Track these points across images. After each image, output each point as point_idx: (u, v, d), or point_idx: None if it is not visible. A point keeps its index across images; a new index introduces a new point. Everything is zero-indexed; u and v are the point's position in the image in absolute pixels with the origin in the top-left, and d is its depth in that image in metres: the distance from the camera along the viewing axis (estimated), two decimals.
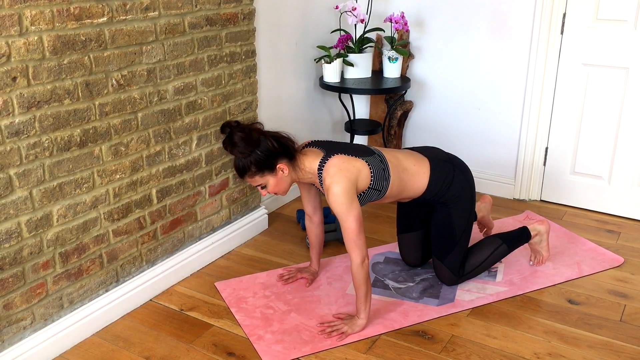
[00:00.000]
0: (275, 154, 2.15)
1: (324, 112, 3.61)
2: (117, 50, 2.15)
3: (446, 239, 2.45)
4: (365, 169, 2.21)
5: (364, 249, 2.17)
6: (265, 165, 2.14)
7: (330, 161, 2.19)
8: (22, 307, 2.03)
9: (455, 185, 2.38)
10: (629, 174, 3.15)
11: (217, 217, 2.80)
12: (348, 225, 2.13)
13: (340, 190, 2.12)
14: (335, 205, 2.13)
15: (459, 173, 2.40)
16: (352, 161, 2.20)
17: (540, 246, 2.66)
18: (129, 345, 2.21)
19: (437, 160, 2.40)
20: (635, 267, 2.73)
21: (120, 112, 2.21)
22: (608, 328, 2.31)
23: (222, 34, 2.58)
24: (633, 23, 2.95)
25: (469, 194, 2.44)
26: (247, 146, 2.11)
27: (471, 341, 2.23)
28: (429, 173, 2.34)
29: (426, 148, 2.50)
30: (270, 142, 2.13)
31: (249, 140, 2.11)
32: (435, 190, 2.36)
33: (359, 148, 2.32)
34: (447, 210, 2.41)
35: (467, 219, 2.45)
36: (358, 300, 2.23)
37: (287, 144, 2.19)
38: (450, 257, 2.46)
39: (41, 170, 1.98)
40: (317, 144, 2.32)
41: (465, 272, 2.51)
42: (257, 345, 2.19)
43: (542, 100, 3.24)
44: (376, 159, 2.26)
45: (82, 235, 2.18)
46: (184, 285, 2.59)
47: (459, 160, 2.48)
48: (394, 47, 3.32)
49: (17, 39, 1.83)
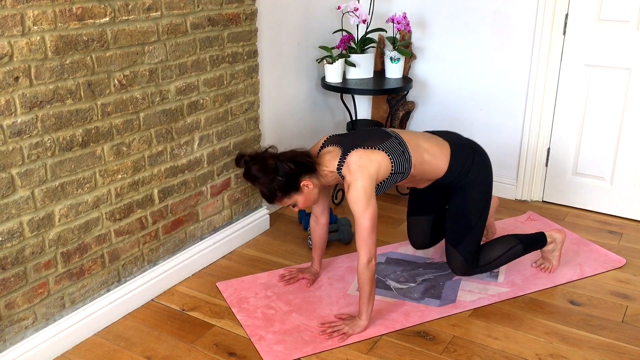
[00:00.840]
0: (295, 174, 2.18)
1: (325, 112, 3.61)
2: (119, 51, 2.15)
3: (461, 224, 2.42)
4: (384, 159, 2.20)
5: (373, 250, 2.17)
6: (289, 187, 2.19)
7: (349, 159, 2.19)
8: (24, 306, 2.04)
9: (475, 170, 2.37)
10: (631, 175, 3.15)
11: (218, 217, 2.80)
12: (362, 223, 2.14)
13: (360, 187, 2.13)
14: (352, 202, 2.15)
15: (479, 158, 2.39)
16: (370, 154, 2.19)
17: (552, 254, 2.65)
18: (130, 345, 2.21)
19: (458, 144, 2.39)
20: (637, 269, 2.73)
21: (122, 112, 2.22)
22: (610, 329, 2.31)
23: (224, 34, 2.58)
24: (635, 24, 2.94)
25: (487, 180, 2.42)
26: (266, 176, 2.16)
27: (473, 342, 2.23)
28: (449, 156, 2.33)
29: (446, 132, 2.49)
30: (287, 166, 2.16)
31: (266, 169, 2.16)
32: (455, 174, 2.35)
33: (375, 134, 2.30)
34: (464, 195, 2.40)
35: (484, 206, 2.43)
36: (361, 300, 2.23)
37: (304, 160, 2.21)
38: (464, 244, 2.43)
39: (43, 170, 1.99)
40: (333, 140, 2.30)
41: (479, 264, 2.48)
42: (258, 345, 2.19)
43: (545, 101, 3.24)
44: (393, 142, 2.25)
45: (84, 235, 2.18)
46: (186, 285, 2.60)
47: (478, 146, 2.47)
48: (396, 48, 3.32)
49: (20, 39, 1.83)
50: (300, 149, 2.27)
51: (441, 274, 2.66)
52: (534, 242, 2.58)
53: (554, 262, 2.66)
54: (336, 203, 3.40)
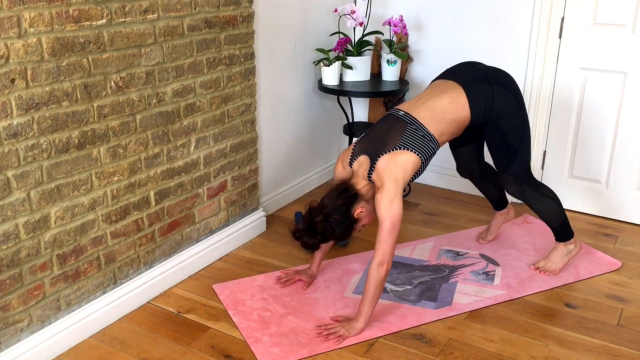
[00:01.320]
0: (345, 216, 2.22)
1: (322, 114, 3.61)
2: (115, 53, 2.15)
3: (504, 151, 2.45)
4: (410, 158, 2.23)
5: (388, 252, 2.18)
6: (349, 227, 2.25)
7: (377, 166, 2.23)
8: (20, 308, 2.03)
9: (498, 101, 2.35)
10: (626, 178, 3.16)
11: (215, 220, 2.80)
12: (382, 224, 2.17)
13: (386, 192, 2.18)
14: (378, 205, 2.19)
15: (498, 88, 2.36)
16: (397, 157, 2.22)
17: (561, 257, 2.66)
18: (126, 348, 2.21)
19: (471, 84, 2.35)
20: (632, 271, 2.74)
21: (119, 114, 2.22)
22: (605, 332, 2.31)
23: (221, 37, 2.58)
24: (631, 27, 2.96)
25: (515, 104, 2.40)
26: (325, 236, 2.24)
27: (468, 344, 2.23)
28: (468, 101, 2.32)
29: (460, 71, 2.44)
30: (334, 218, 2.21)
31: (320, 231, 2.22)
32: (480, 114, 2.35)
33: (393, 127, 2.29)
34: (497, 125, 2.40)
35: (521, 129, 2.42)
36: (363, 301, 2.24)
37: (345, 200, 2.23)
38: (513, 167, 2.46)
39: (39, 172, 1.98)
40: (361, 147, 2.32)
41: (531, 181, 2.52)
42: (254, 347, 2.19)
43: (540, 104, 3.25)
44: (412, 131, 2.25)
45: (80, 237, 2.18)
46: (182, 287, 2.59)
47: (494, 72, 2.43)
48: (392, 50, 3.33)
49: (16, 40, 1.83)
50: (339, 184, 2.30)
51: (437, 276, 2.66)
52: (568, 225, 2.63)
53: (557, 265, 2.66)
54: None
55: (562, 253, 2.67)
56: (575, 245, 2.68)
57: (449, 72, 2.48)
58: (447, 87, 2.37)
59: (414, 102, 2.37)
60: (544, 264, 2.69)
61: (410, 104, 2.36)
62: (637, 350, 2.21)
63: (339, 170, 2.39)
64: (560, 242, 2.66)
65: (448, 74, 2.46)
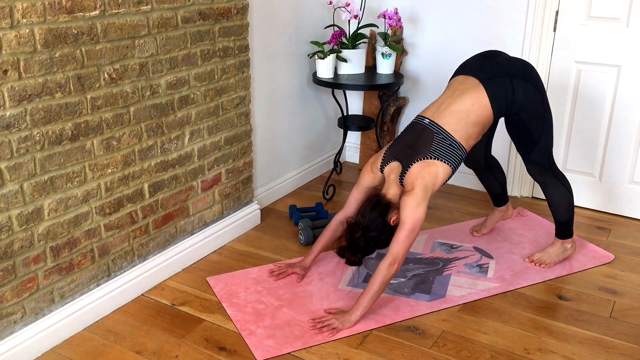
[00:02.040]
0: (384, 226, 2.25)
1: (317, 107, 3.61)
2: (109, 44, 2.14)
3: (526, 141, 2.48)
4: (442, 168, 2.26)
5: (401, 255, 2.20)
6: (388, 236, 2.26)
7: (411, 171, 2.26)
8: (13, 301, 2.03)
9: (518, 95, 2.36)
10: (620, 171, 3.17)
11: (209, 212, 2.80)
12: (404, 227, 2.20)
13: (414, 196, 2.21)
14: (404, 206, 2.21)
15: (518, 82, 2.36)
16: (429, 167, 2.25)
17: (557, 253, 2.69)
18: (120, 340, 2.21)
19: (490, 80, 2.35)
20: (625, 264, 2.75)
21: (112, 106, 2.21)
22: (598, 324, 2.33)
23: (215, 29, 2.57)
24: (625, 21, 2.96)
25: (536, 94, 2.40)
26: (369, 250, 2.29)
27: (462, 336, 2.24)
28: (489, 99, 2.33)
29: (479, 65, 2.42)
30: (373, 234, 2.24)
31: (363, 247, 2.27)
32: (503, 109, 2.37)
33: (422, 135, 2.31)
34: (519, 117, 2.41)
35: (542, 118, 2.44)
36: (363, 294, 2.25)
37: (379, 212, 2.25)
38: (534, 154, 2.49)
39: (32, 164, 1.98)
40: (392, 153, 2.34)
41: (554, 168, 2.55)
42: (248, 340, 2.20)
43: None
44: (439, 140, 2.28)
45: (74, 230, 2.17)
46: (176, 280, 2.59)
47: (514, 65, 2.42)
48: (387, 44, 3.32)
49: (8, 31, 1.82)
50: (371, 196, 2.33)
51: (431, 269, 2.67)
52: (572, 223, 2.67)
53: (553, 258, 2.68)
54: (327, 198, 3.40)
55: (559, 250, 2.69)
56: (571, 245, 2.71)
57: (469, 67, 2.45)
58: (468, 86, 2.36)
59: (437, 107, 2.37)
60: (540, 256, 2.70)
61: (434, 110, 2.36)
62: (630, 342, 2.22)
63: (367, 174, 2.41)
64: (560, 239, 2.68)
65: (468, 69, 2.44)
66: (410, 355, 2.14)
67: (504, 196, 2.93)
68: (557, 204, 2.61)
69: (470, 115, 2.31)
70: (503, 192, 2.91)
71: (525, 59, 2.54)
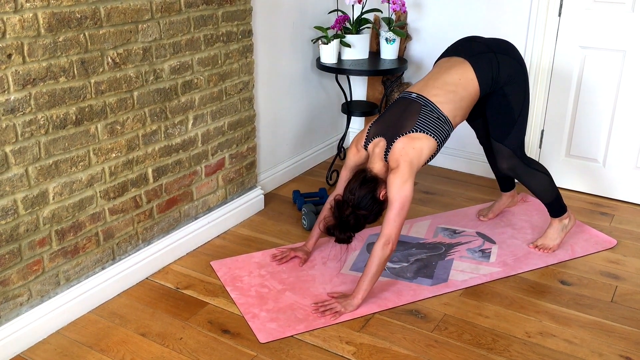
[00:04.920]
0: (373, 202, 2.24)
1: (320, 93, 3.61)
2: (112, 28, 2.14)
3: (505, 119, 2.48)
4: (427, 142, 2.25)
5: (394, 233, 2.21)
6: (378, 211, 2.27)
7: (393, 147, 2.25)
8: (19, 283, 2.05)
9: (503, 70, 2.39)
10: (624, 157, 3.17)
11: (213, 197, 2.81)
12: (393, 206, 2.20)
13: (399, 173, 2.20)
14: (390, 185, 2.20)
15: (502, 57, 2.40)
16: (413, 141, 2.24)
17: (558, 233, 2.69)
18: (125, 322, 2.23)
19: (476, 56, 2.39)
20: (627, 249, 2.76)
21: (116, 90, 2.21)
22: (599, 308, 2.34)
23: (218, 13, 2.57)
24: (630, 5, 2.94)
25: (520, 71, 2.44)
26: (359, 227, 2.27)
27: (463, 320, 2.26)
28: (475, 74, 2.36)
29: (462, 47, 2.47)
30: (363, 205, 2.23)
31: (353, 224, 2.25)
32: (489, 84, 2.39)
33: (408, 109, 2.31)
34: (503, 92, 2.43)
35: (523, 98, 2.47)
36: (362, 277, 2.26)
37: (368, 185, 2.24)
38: (509, 139, 2.49)
39: (37, 148, 1.99)
40: (377, 129, 2.34)
41: (525, 158, 2.56)
42: (251, 323, 2.22)
43: (539, 83, 3.24)
44: (426, 113, 2.28)
45: (78, 213, 2.19)
46: (180, 264, 2.61)
47: (498, 43, 2.47)
48: (391, 29, 3.31)
49: (12, 15, 1.82)
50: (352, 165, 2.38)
51: (434, 254, 2.68)
52: (560, 199, 2.66)
53: (557, 242, 2.69)
54: (330, 184, 3.41)
55: (558, 229, 2.69)
56: (569, 219, 2.71)
57: (452, 49, 2.50)
58: (454, 63, 2.41)
59: (424, 82, 2.39)
60: (542, 242, 2.70)
61: (421, 85, 2.38)
62: (631, 327, 2.23)
63: (352, 153, 2.41)
64: (555, 217, 2.68)
65: (451, 51, 2.49)
66: (412, 338, 2.16)
67: (510, 180, 2.93)
68: (539, 190, 2.62)
69: (458, 89, 2.33)
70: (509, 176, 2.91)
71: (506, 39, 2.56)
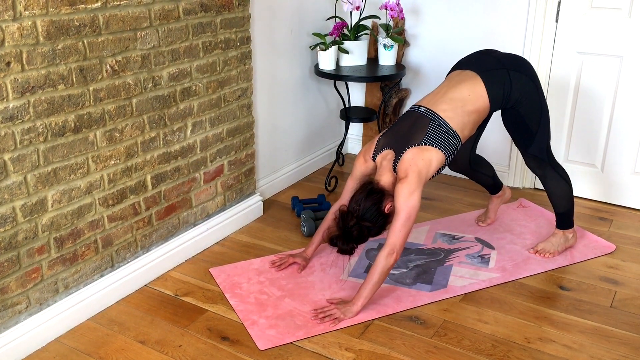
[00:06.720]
0: (378, 214, 2.23)
1: (319, 99, 3.61)
2: (111, 36, 2.15)
3: (523, 134, 2.49)
4: (436, 155, 2.25)
5: (399, 244, 2.20)
6: (382, 224, 2.25)
7: (404, 157, 2.25)
8: (18, 291, 2.05)
9: (516, 87, 2.37)
10: (622, 162, 3.17)
11: (212, 204, 2.81)
12: (399, 216, 2.19)
13: (407, 183, 2.20)
14: (397, 194, 2.20)
15: (515, 74, 2.38)
16: (423, 153, 2.24)
17: (559, 243, 2.70)
18: (124, 330, 2.23)
19: (488, 72, 2.38)
20: (626, 254, 2.76)
21: (115, 97, 2.22)
22: (598, 314, 2.34)
23: (216, 20, 2.58)
24: (627, 11, 2.95)
25: (533, 88, 2.42)
26: (362, 239, 2.25)
27: (463, 326, 2.26)
28: (486, 90, 2.34)
29: (476, 60, 2.46)
30: (368, 217, 2.21)
31: (356, 235, 2.23)
32: (499, 101, 2.38)
33: (416, 122, 2.30)
34: (516, 111, 2.43)
35: (539, 112, 2.45)
36: (364, 285, 2.25)
37: (372, 201, 2.22)
38: (533, 147, 2.50)
39: (36, 156, 1.99)
40: (385, 141, 2.34)
41: (552, 160, 2.56)
42: (251, 330, 2.21)
43: None
44: (435, 127, 2.27)
45: (77, 221, 2.19)
46: (179, 270, 2.61)
47: (511, 59, 2.45)
48: (389, 35, 3.32)
49: (11, 23, 1.83)
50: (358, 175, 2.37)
51: (433, 259, 2.68)
52: (572, 213, 2.68)
53: (558, 249, 2.69)
54: (329, 190, 3.41)
55: (561, 239, 2.70)
56: (573, 235, 2.72)
57: (465, 62, 2.49)
58: (464, 77, 2.39)
59: (433, 96, 2.39)
60: (543, 246, 2.71)
61: (430, 99, 2.38)
62: (630, 332, 2.23)
63: (360, 163, 2.41)
64: (561, 229, 2.69)
65: (464, 64, 2.47)
66: (412, 344, 2.16)
67: (496, 184, 2.93)
68: (556, 197, 2.62)
69: (467, 104, 2.32)
70: (494, 181, 2.91)
71: (520, 55, 2.54)
